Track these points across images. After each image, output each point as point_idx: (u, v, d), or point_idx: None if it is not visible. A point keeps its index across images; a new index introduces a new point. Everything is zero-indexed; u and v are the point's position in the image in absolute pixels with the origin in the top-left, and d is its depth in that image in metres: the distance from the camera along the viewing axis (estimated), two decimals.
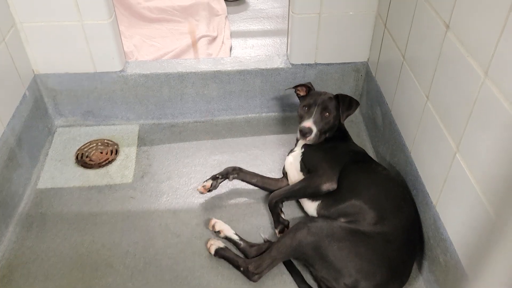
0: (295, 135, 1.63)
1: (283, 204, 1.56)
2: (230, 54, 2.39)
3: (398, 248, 1.27)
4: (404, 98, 1.53)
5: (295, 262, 1.41)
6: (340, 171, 1.46)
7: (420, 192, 1.39)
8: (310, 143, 1.56)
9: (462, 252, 1.14)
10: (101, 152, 1.85)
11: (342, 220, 1.36)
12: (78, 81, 1.86)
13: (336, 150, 1.54)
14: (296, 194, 1.53)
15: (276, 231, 1.49)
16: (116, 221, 1.58)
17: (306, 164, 1.55)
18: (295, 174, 1.59)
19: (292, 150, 1.65)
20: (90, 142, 1.90)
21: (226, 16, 2.71)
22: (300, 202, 1.59)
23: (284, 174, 1.67)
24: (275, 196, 1.53)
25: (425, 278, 1.37)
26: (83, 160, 1.81)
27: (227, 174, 1.63)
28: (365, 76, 1.95)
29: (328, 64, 1.91)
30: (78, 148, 1.87)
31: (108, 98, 1.92)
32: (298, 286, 1.37)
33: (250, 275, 1.35)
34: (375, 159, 1.76)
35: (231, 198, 1.66)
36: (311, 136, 1.51)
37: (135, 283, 1.39)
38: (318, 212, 1.47)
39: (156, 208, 1.62)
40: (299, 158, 1.58)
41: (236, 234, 1.48)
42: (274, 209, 1.52)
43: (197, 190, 1.63)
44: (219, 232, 1.50)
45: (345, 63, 1.92)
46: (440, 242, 1.25)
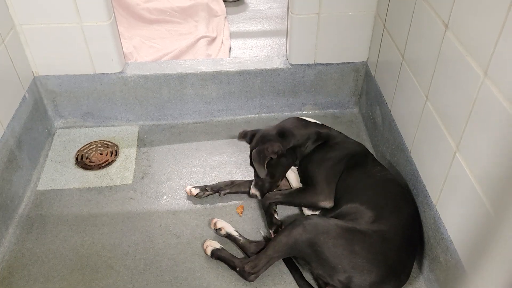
0: None
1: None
2: (230, 54, 2.39)
3: (395, 246, 1.26)
4: (404, 98, 1.53)
5: (294, 259, 1.42)
6: (336, 182, 1.46)
7: (420, 192, 1.39)
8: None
9: (463, 251, 1.14)
10: (101, 154, 1.85)
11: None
12: (77, 82, 1.86)
13: (330, 161, 1.49)
14: (292, 203, 1.55)
15: (271, 231, 1.50)
16: (116, 222, 1.58)
17: (303, 177, 1.55)
18: (294, 180, 1.60)
19: None
20: (90, 144, 1.90)
21: (225, 17, 2.71)
22: None
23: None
24: (270, 197, 1.53)
25: (425, 277, 1.37)
26: (83, 162, 1.81)
27: (219, 189, 1.64)
28: (364, 76, 1.95)
29: (327, 64, 1.91)
30: (78, 149, 1.87)
31: (107, 99, 1.92)
32: (297, 283, 1.37)
33: (247, 275, 1.35)
34: None
35: (231, 198, 1.66)
36: (260, 198, 1.54)
37: (135, 284, 1.39)
38: None
39: (156, 209, 1.62)
40: (296, 170, 1.59)
41: (236, 231, 1.49)
42: (268, 210, 1.52)
43: (185, 188, 1.67)
44: (220, 229, 1.50)
45: (344, 63, 1.92)
46: (441, 242, 1.25)
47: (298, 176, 1.58)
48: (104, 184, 1.72)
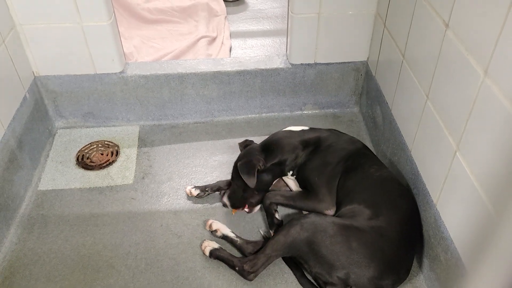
0: None
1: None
2: (230, 54, 2.39)
3: (393, 242, 1.27)
4: (404, 97, 1.53)
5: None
6: (336, 187, 1.46)
7: (421, 191, 1.39)
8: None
9: (463, 250, 1.14)
10: (101, 154, 1.85)
11: None
12: (78, 82, 1.86)
13: (327, 166, 1.48)
14: (293, 207, 1.54)
15: (271, 231, 1.50)
16: (117, 222, 1.58)
17: (302, 183, 1.54)
18: (293, 185, 1.60)
19: None
20: (90, 144, 1.90)
21: (226, 17, 2.71)
22: None
23: None
24: (271, 197, 1.53)
25: (426, 276, 1.37)
26: (84, 162, 1.81)
27: (219, 188, 1.64)
28: (365, 75, 1.95)
29: (327, 64, 1.91)
30: (78, 149, 1.87)
31: (108, 99, 1.92)
32: (299, 281, 1.37)
33: (246, 274, 1.35)
34: None
35: None
36: (230, 208, 1.55)
37: (136, 284, 1.39)
38: None
39: (157, 209, 1.63)
40: (294, 179, 1.58)
41: (233, 232, 1.49)
42: (269, 209, 1.52)
43: (185, 189, 1.67)
44: (216, 231, 1.50)
45: (344, 62, 1.92)
46: (441, 241, 1.26)
47: (296, 182, 1.58)
48: (105, 184, 1.72)
